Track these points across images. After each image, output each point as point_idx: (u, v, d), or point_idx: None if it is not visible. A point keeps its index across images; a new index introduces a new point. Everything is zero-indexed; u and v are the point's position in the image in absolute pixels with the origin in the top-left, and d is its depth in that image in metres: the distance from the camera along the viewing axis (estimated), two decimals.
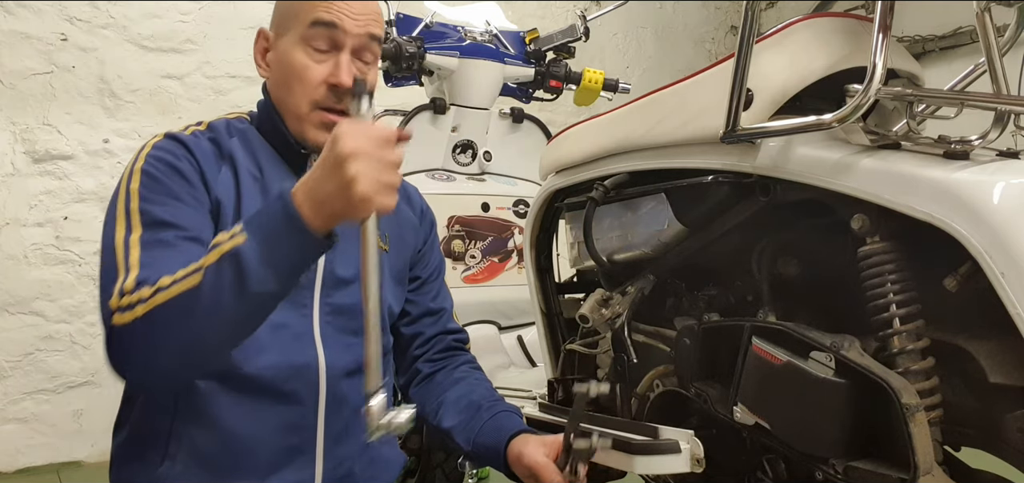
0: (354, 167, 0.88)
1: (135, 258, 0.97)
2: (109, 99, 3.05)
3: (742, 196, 1.14)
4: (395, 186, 0.93)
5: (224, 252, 0.91)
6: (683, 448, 1.13)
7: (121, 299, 0.93)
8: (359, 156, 0.89)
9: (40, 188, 2.95)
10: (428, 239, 1.37)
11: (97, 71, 3.02)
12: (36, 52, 2.92)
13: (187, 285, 0.91)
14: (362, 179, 0.89)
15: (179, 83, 3.18)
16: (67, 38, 2.97)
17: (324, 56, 1.12)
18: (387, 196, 0.91)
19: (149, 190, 1.03)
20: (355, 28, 1.12)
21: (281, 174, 1.16)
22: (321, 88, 1.12)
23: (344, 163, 0.88)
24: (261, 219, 0.93)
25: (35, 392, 2.93)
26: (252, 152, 1.16)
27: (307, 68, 1.12)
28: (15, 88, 2.90)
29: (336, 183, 0.89)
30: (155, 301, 0.91)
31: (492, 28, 2.22)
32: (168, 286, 0.92)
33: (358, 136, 0.90)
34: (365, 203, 0.90)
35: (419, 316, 1.33)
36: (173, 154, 1.07)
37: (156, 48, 3.13)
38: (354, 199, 0.89)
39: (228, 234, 0.93)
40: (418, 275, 1.34)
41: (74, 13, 2.98)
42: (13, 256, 2.90)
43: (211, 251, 0.92)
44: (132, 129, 3.07)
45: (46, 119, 2.95)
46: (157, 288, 0.92)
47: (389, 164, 0.91)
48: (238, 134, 1.17)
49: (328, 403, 1.14)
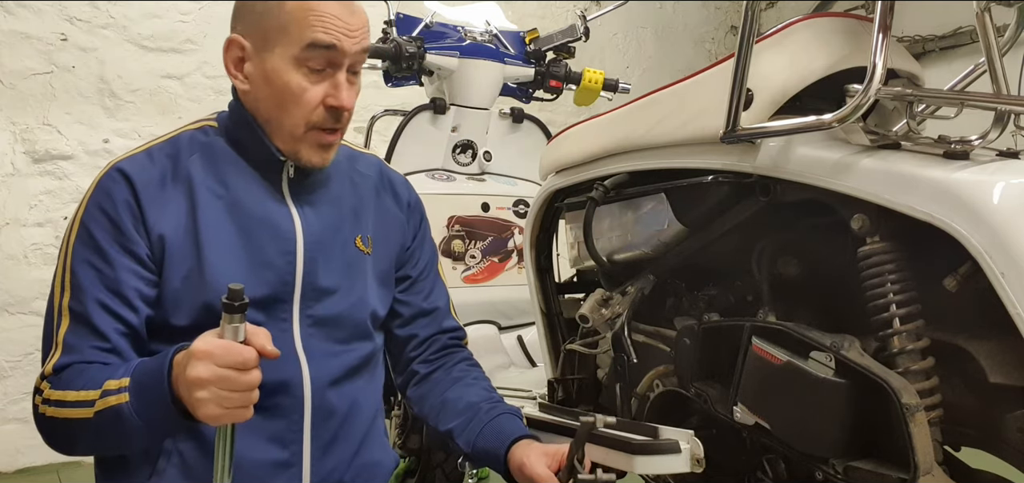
0: (201, 393, 0.90)
1: (62, 333, 1.05)
2: (109, 99, 3.05)
3: (742, 196, 1.14)
4: (250, 403, 0.93)
5: (109, 405, 0.98)
6: (683, 448, 1.12)
7: (41, 381, 1.04)
8: (207, 384, 0.90)
9: (40, 188, 2.95)
10: (417, 234, 1.34)
11: (97, 71, 3.02)
12: (36, 52, 2.92)
13: (78, 414, 1.00)
14: (208, 404, 0.91)
15: (179, 83, 3.18)
16: (67, 38, 2.97)
17: (320, 77, 1.09)
18: (241, 413, 0.93)
19: (83, 247, 1.07)
20: (353, 47, 1.10)
21: (249, 187, 1.14)
22: (319, 110, 1.10)
23: (191, 386, 0.91)
24: (143, 378, 0.98)
25: None
26: (216, 167, 1.13)
27: (305, 91, 1.09)
28: (15, 88, 2.89)
29: (185, 394, 0.92)
30: (54, 412, 1.02)
31: (492, 28, 2.21)
32: (68, 403, 1.01)
33: (209, 363, 0.90)
34: (214, 421, 0.93)
35: (412, 317, 1.31)
36: (111, 199, 1.07)
37: (156, 48, 3.13)
38: (202, 417, 0.92)
39: (118, 383, 0.98)
40: (408, 274, 1.31)
41: (74, 13, 2.98)
42: (13, 256, 2.90)
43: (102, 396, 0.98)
44: (132, 129, 3.07)
45: (46, 119, 2.95)
46: (62, 400, 1.01)
47: (242, 388, 0.91)
48: (200, 148, 1.14)
49: (314, 415, 1.13)
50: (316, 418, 1.14)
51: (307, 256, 1.14)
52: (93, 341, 1.04)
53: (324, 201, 1.19)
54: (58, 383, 1.03)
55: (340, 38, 1.08)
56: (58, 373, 1.03)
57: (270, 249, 1.12)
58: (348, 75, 1.12)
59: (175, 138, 1.15)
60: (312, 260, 1.15)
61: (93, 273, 1.06)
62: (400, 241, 1.30)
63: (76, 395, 1.00)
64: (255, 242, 1.11)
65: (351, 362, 1.18)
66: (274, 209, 1.14)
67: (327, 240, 1.17)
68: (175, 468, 1.07)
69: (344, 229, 1.20)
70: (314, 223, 1.16)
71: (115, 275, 1.06)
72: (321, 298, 1.15)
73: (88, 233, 1.07)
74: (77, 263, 1.07)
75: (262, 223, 1.13)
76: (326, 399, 1.14)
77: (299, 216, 1.16)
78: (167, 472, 1.07)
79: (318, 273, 1.15)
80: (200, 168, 1.12)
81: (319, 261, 1.15)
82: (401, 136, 2.14)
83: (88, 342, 1.04)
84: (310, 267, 1.14)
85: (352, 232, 1.21)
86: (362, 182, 1.27)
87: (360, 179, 1.27)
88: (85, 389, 1.00)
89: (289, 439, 1.11)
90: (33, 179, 2.93)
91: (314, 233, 1.16)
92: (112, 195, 1.08)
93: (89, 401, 0.99)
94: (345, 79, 1.10)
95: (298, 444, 1.12)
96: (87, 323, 1.04)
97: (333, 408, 1.15)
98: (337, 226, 1.19)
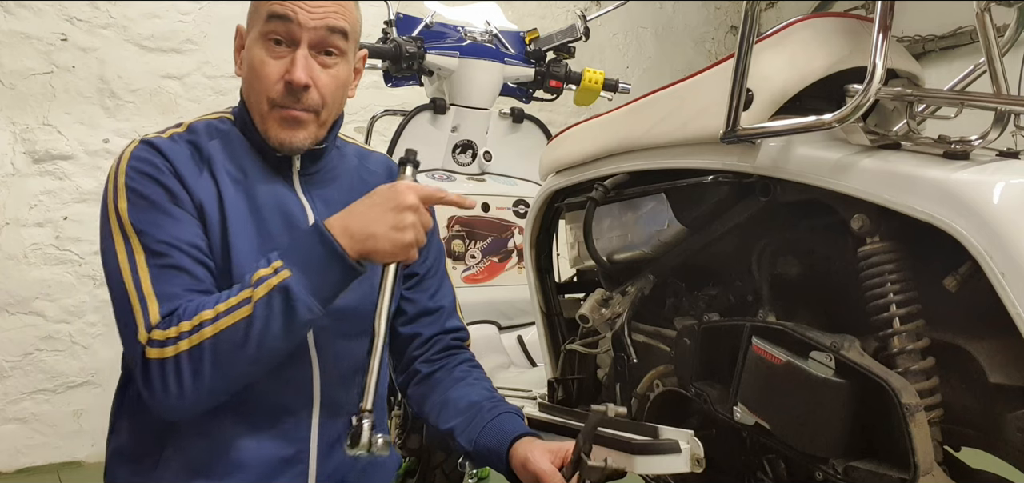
0: (410, 217, 1.03)
1: (148, 288, 1.00)
2: (109, 99, 3.05)
3: (742, 196, 1.14)
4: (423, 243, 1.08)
5: (273, 286, 0.99)
6: (683, 448, 1.13)
7: (151, 333, 0.98)
8: (416, 210, 1.04)
9: (40, 188, 2.95)
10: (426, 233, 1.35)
11: (97, 71, 3.02)
12: (36, 52, 2.92)
13: (237, 317, 0.98)
14: (413, 230, 1.04)
15: (179, 83, 3.17)
16: (67, 38, 2.97)
17: (282, 52, 1.10)
18: (416, 251, 1.07)
19: (140, 209, 1.04)
20: (310, 21, 1.08)
21: (265, 176, 1.15)
22: (278, 86, 1.10)
23: (404, 212, 1.03)
24: (301, 253, 1.02)
25: (35, 392, 2.92)
26: (234, 154, 1.14)
27: (264, 64, 1.10)
28: (15, 88, 2.89)
29: (389, 225, 1.03)
30: (202, 335, 0.97)
31: (492, 28, 2.21)
32: (213, 319, 0.98)
33: (417, 193, 1.05)
34: (408, 250, 1.05)
35: (416, 315, 1.32)
36: (152, 165, 1.06)
37: (156, 48, 3.13)
38: (401, 244, 1.03)
39: (271, 268, 1.00)
40: (415, 271, 1.32)
41: (74, 13, 2.98)
42: (13, 256, 2.90)
43: (257, 286, 0.99)
44: (132, 129, 3.07)
45: (46, 119, 2.95)
46: (200, 322, 0.98)
47: (427, 225, 1.07)
48: (219, 135, 1.15)
49: (322, 411, 1.14)
50: (323, 415, 1.14)
51: None
52: (186, 282, 1.02)
53: (334, 195, 1.20)
54: (181, 317, 0.98)
55: (296, 11, 1.08)
56: (168, 317, 0.99)
57: (282, 236, 1.12)
58: (316, 55, 1.11)
59: (192, 125, 1.15)
60: None
61: (159, 226, 1.03)
62: None
63: (215, 311, 0.98)
64: (270, 228, 1.12)
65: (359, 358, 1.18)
66: (287, 198, 1.15)
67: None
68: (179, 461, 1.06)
69: None
70: (324, 213, 1.16)
71: (182, 226, 1.04)
72: None
73: (138, 194, 1.05)
74: (140, 223, 1.03)
75: (276, 211, 1.13)
76: (334, 396, 1.14)
77: (310, 206, 1.17)
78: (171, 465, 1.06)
79: None
80: (220, 153, 1.13)
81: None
82: (401, 136, 2.14)
83: (184, 284, 1.02)
84: None
85: None
86: (371, 179, 1.26)
87: (370, 176, 1.27)
88: (226, 300, 0.99)
89: (296, 436, 1.11)
90: (33, 179, 2.93)
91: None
92: (151, 160, 1.07)
93: (242, 301, 0.98)
94: (304, 55, 1.09)
95: (305, 441, 1.12)
96: (174, 267, 1.02)
97: (340, 406, 1.15)
98: None
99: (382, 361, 1.07)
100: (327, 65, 1.12)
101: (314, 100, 1.11)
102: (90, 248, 2.98)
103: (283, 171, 1.17)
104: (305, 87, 1.09)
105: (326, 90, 1.12)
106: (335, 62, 1.13)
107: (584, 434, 1.03)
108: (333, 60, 1.13)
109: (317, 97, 1.11)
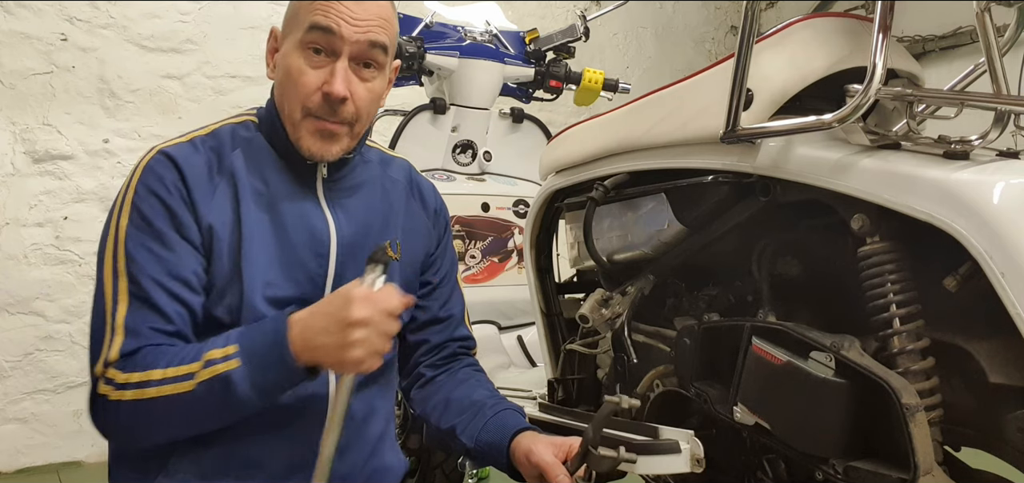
0: (358, 334, 0.95)
1: (120, 319, 1.02)
2: (109, 99, 3.05)
3: (742, 196, 1.14)
4: (386, 351, 0.99)
5: (218, 373, 0.97)
6: (683, 448, 1.12)
7: (107, 370, 1.00)
8: (367, 325, 0.95)
9: (40, 188, 2.95)
10: (441, 242, 1.33)
11: (97, 71, 3.02)
12: (36, 52, 2.92)
13: (178, 389, 0.97)
14: (361, 346, 0.95)
15: (179, 83, 3.17)
16: (67, 38, 2.97)
17: (322, 62, 1.08)
18: (376, 361, 0.98)
19: (138, 232, 1.04)
20: (354, 34, 1.07)
21: (288, 187, 1.14)
22: (316, 96, 1.08)
23: (350, 328, 0.94)
24: (255, 344, 0.98)
25: (35, 392, 2.92)
26: (257, 164, 1.13)
27: (303, 73, 1.08)
28: (15, 88, 2.89)
29: (336, 340, 0.95)
30: (145, 393, 0.98)
31: (492, 28, 2.22)
32: (158, 381, 0.98)
33: (370, 306, 0.96)
34: (356, 366, 0.97)
35: (426, 323, 1.31)
36: (163, 184, 1.06)
37: (156, 48, 3.13)
38: (348, 361, 0.96)
39: (222, 352, 0.98)
40: (429, 280, 1.31)
41: (74, 13, 2.98)
42: (13, 256, 2.90)
43: (207, 366, 0.98)
44: (132, 129, 3.07)
45: (46, 119, 2.95)
46: (147, 380, 0.98)
47: (388, 335, 0.98)
48: (242, 144, 1.14)
49: None
50: None
51: (339, 259, 1.14)
52: (156, 323, 1.02)
53: (357, 204, 1.19)
54: (133, 366, 0.99)
55: (339, 23, 1.06)
56: (126, 357, 1.00)
57: (304, 250, 1.12)
58: (356, 68, 1.10)
59: (216, 130, 1.14)
60: (342, 263, 1.15)
61: (151, 255, 1.03)
62: (425, 248, 1.30)
63: (164, 372, 0.98)
64: (290, 242, 1.11)
65: None
66: (310, 210, 1.14)
67: (358, 244, 1.17)
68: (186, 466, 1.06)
69: (374, 234, 1.20)
70: (346, 226, 1.16)
71: (175, 257, 1.04)
72: None
73: (140, 216, 1.05)
74: (133, 246, 1.04)
75: (298, 223, 1.12)
76: None
77: (333, 218, 1.16)
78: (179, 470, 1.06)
79: (347, 276, 1.14)
80: (243, 163, 1.12)
81: (349, 264, 1.15)
82: (401, 136, 2.14)
83: (151, 323, 1.01)
84: (340, 270, 1.14)
85: (382, 237, 1.21)
86: (392, 188, 1.26)
87: (391, 184, 1.26)
88: (178, 365, 0.98)
89: (305, 441, 1.11)
90: (33, 179, 2.93)
91: (346, 236, 1.16)
92: (163, 178, 1.06)
93: (187, 374, 0.97)
94: (344, 68, 1.08)
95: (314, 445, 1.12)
96: (149, 304, 1.02)
97: (351, 413, 1.15)
98: (368, 230, 1.19)
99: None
100: (365, 78, 1.11)
101: (350, 113, 1.10)
102: (90, 248, 2.98)
103: (307, 179, 1.15)
104: (343, 100, 1.08)
105: (362, 103, 1.11)
106: (374, 75, 1.12)
107: (594, 425, 1.03)
108: (371, 73, 1.12)
109: (353, 110, 1.10)
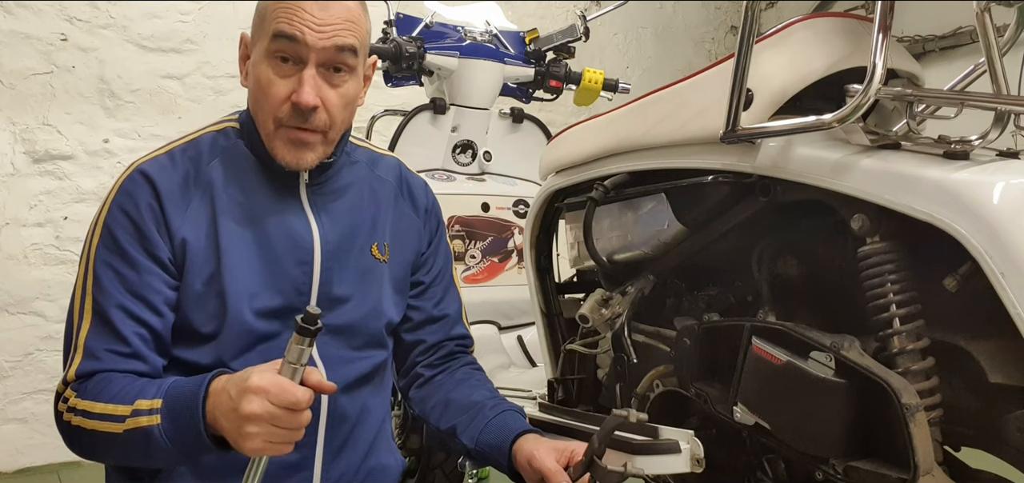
0: (251, 428, 0.89)
1: (82, 338, 1.04)
2: (109, 99, 3.05)
3: (742, 196, 1.14)
4: (294, 441, 0.93)
5: (141, 425, 0.97)
6: (683, 448, 1.12)
7: (65, 389, 1.03)
8: (259, 420, 0.89)
9: (40, 188, 2.95)
10: (433, 240, 1.32)
11: (97, 71, 3.02)
12: (36, 52, 2.92)
13: (107, 427, 0.98)
14: (255, 439, 0.90)
15: (179, 83, 3.17)
16: (67, 38, 2.97)
17: (290, 71, 1.06)
18: (283, 450, 0.92)
19: (107, 253, 1.06)
20: (319, 41, 1.05)
21: (270, 194, 1.13)
22: (285, 106, 1.07)
23: (243, 420, 0.89)
24: (177, 404, 0.96)
25: (35, 392, 2.92)
26: (236, 173, 1.12)
27: (271, 83, 1.07)
28: (15, 88, 2.89)
29: (233, 427, 0.91)
30: (83, 422, 1.00)
31: (492, 28, 2.22)
32: (95, 414, 0.99)
33: (263, 402, 0.88)
34: (257, 454, 0.92)
35: (421, 323, 1.30)
36: (135, 203, 1.06)
37: (156, 48, 3.13)
38: (246, 450, 0.91)
39: (149, 404, 0.97)
40: (421, 280, 1.30)
41: (74, 13, 2.98)
42: (13, 256, 2.89)
43: (135, 414, 0.97)
44: (132, 129, 3.07)
45: (46, 119, 2.95)
46: (87, 410, 1.00)
47: (292, 427, 0.91)
48: (221, 153, 1.13)
49: (329, 419, 1.14)
50: (329, 423, 1.14)
51: (323, 266, 1.14)
52: (114, 345, 1.03)
53: (342, 208, 1.18)
54: (84, 392, 1.01)
55: (304, 31, 1.04)
56: (82, 380, 1.02)
57: (287, 259, 1.12)
58: (325, 73, 1.08)
59: (196, 140, 1.14)
60: (328, 270, 1.14)
61: (115, 276, 1.05)
62: (416, 247, 1.29)
63: (103, 408, 0.99)
64: (273, 251, 1.11)
65: (364, 369, 1.19)
66: (292, 218, 1.14)
67: (343, 249, 1.17)
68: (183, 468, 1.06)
69: (361, 237, 1.19)
70: (331, 232, 1.16)
71: (138, 279, 1.05)
72: (335, 307, 1.15)
73: (111, 236, 1.06)
74: (99, 266, 1.05)
75: (280, 232, 1.12)
76: (339, 405, 1.14)
77: (317, 225, 1.15)
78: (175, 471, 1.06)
79: (333, 282, 1.15)
80: (221, 174, 1.11)
81: (334, 270, 1.15)
82: (401, 136, 2.14)
83: (108, 346, 1.03)
84: (326, 277, 1.14)
85: (369, 240, 1.20)
86: (381, 188, 1.25)
87: (379, 185, 1.26)
88: (114, 402, 0.99)
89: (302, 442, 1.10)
90: (33, 179, 2.93)
91: (331, 242, 1.15)
92: (135, 198, 1.06)
93: (119, 416, 0.98)
94: (312, 75, 1.06)
95: (311, 447, 1.12)
96: (109, 326, 1.04)
97: (345, 413, 1.15)
98: (354, 234, 1.19)
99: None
100: (336, 84, 1.09)
101: (322, 121, 1.09)
102: None
103: (289, 184, 1.15)
104: (313, 109, 1.07)
105: (334, 109, 1.09)
106: (344, 80, 1.10)
107: (600, 437, 1.02)
108: (342, 78, 1.10)
109: (325, 117, 1.09)
